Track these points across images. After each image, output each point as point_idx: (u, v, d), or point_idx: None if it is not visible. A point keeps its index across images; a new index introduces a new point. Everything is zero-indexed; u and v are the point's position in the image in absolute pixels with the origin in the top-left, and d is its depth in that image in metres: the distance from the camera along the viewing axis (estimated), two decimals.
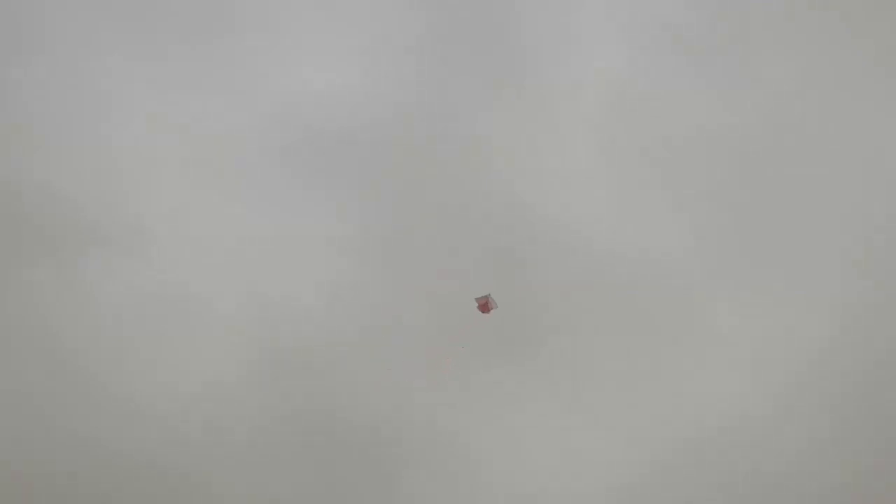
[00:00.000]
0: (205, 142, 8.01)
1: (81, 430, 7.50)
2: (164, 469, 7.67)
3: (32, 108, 8.10)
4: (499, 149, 7.89)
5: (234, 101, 8.24)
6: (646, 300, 7.70)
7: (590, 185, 7.86)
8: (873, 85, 8.06)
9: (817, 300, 7.68)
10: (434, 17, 8.29)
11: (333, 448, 7.40)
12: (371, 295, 7.69)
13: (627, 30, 7.91)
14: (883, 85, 8.06)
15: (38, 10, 8.54)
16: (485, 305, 7.62)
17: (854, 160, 7.80)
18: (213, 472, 7.61)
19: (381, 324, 7.63)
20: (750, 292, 7.69)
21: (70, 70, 8.09)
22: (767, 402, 7.46)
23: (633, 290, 7.63)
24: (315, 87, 8.14)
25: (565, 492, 7.43)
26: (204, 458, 7.68)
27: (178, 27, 8.48)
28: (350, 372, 7.63)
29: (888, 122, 8.01)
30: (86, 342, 7.86)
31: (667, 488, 7.34)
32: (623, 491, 7.24)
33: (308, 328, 7.79)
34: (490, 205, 7.74)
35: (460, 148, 7.86)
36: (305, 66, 8.20)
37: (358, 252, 7.72)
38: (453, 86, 7.96)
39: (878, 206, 7.66)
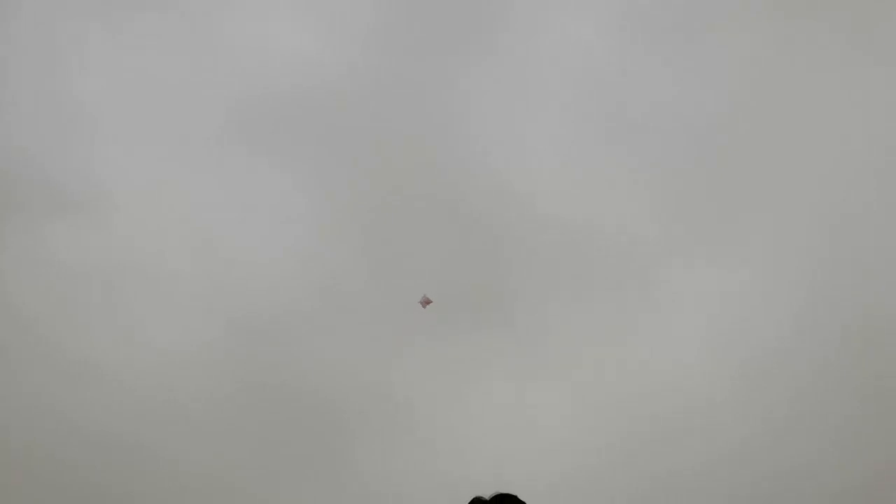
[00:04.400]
0: (172, 107, 7.66)
1: (41, 399, 7.16)
2: (122, 437, 7.35)
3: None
4: (468, 116, 7.65)
5: (203, 66, 7.88)
6: (613, 272, 7.51)
7: (559, 157, 7.66)
8: (842, 61, 7.90)
9: (785, 274, 7.53)
10: None
11: (291, 419, 7.15)
12: (336, 265, 7.42)
13: (598, 8, 7.66)
14: (850, 61, 7.89)
15: None
16: (425, 302, 7.48)
17: (821, 133, 7.64)
18: (171, 441, 7.32)
19: (344, 294, 7.36)
20: (717, 265, 7.55)
21: (32, 27, 7.72)
22: (730, 378, 7.33)
23: (600, 260, 7.44)
24: (284, 52, 7.82)
25: (525, 462, 7.27)
26: (162, 426, 7.39)
27: None
28: (312, 343, 7.38)
29: (855, 95, 7.83)
30: (45, 309, 7.50)
31: (629, 462, 7.20)
32: (586, 463, 7.09)
33: (271, 298, 7.50)
34: (457, 174, 7.50)
35: (428, 115, 7.59)
36: (275, 31, 7.88)
37: (323, 222, 7.44)
38: (422, 51, 7.71)
39: (844, 177, 7.47)
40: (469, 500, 4.53)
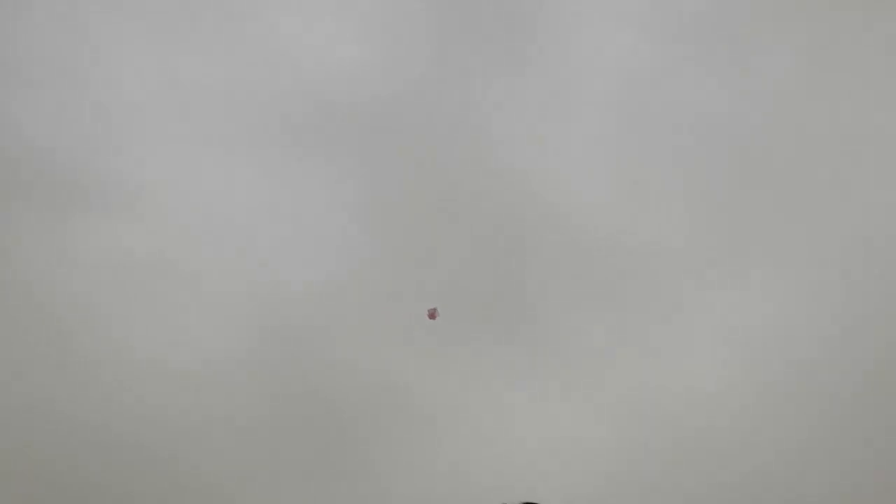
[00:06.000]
0: (204, 104, 7.49)
1: (59, 404, 6.93)
2: (141, 444, 7.11)
3: (23, 57, 7.59)
4: (503, 125, 7.42)
5: (236, 64, 7.69)
6: (642, 284, 7.22)
7: (591, 167, 7.40)
8: (878, 78, 7.61)
9: (820, 295, 7.20)
10: None
11: (320, 429, 6.92)
12: (369, 272, 7.18)
13: (637, 14, 7.44)
14: (888, 78, 7.58)
15: None
16: (432, 315, 7.30)
17: (866, 148, 7.33)
18: (192, 450, 7.11)
19: (380, 304, 7.12)
20: (747, 281, 7.24)
21: (63, 22, 7.56)
22: (759, 400, 7.02)
23: (627, 273, 7.16)
24: (319, 53, 7.64)
25: (550, 472, 7.00)
26: (184, 435, 7.17)
27: None
28: (335, 348, 7.15)
29: (890, 114, 7.53)
30: (68, 311, 7.28)
31: (657, 475, 6.92)
32: (610, 474, 6.82)
33: (304, 307, 7.27)
34: (493, 183, 7.25)
35: (465, 123, 7.37)
36: (309, 31, 7.71)
37: (358, 227, 7.21)
38: (459, 60, 7.50)
39: (879, 196, 7.16)
40: None
